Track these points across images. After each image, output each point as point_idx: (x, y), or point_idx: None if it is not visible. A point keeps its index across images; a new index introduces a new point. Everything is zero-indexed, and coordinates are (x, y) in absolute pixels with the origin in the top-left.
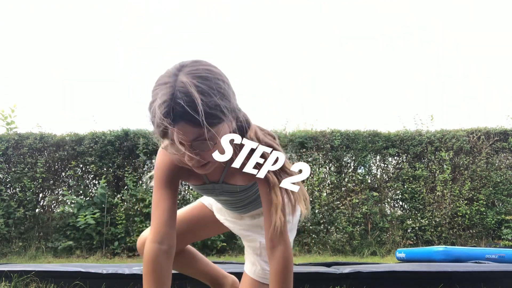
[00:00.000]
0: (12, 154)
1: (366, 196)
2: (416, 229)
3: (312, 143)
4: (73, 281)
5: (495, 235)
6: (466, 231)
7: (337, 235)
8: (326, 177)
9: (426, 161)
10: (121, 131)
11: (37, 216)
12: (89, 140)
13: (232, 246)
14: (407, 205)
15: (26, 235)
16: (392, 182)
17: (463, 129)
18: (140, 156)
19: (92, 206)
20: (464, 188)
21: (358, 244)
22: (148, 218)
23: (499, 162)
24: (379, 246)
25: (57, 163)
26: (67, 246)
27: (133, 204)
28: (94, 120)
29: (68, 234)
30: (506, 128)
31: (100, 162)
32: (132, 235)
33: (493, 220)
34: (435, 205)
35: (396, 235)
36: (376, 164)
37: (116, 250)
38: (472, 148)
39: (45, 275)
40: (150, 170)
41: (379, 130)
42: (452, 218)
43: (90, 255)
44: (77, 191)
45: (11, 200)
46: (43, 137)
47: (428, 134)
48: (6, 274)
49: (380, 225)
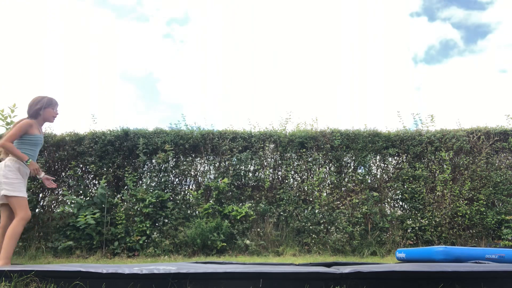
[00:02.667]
0: None
1: (366, 196)
2: (416, 229)
3: (312, 143)
4: (73, 281)
5: (495, 235)
6: (466, 231)
7: (337, 235)
8: (326, 177)
9: (426, 161)
10: (121, 131)
11: (37, 216)
12: (89, 140)
13: (232, 246)
14: (407, 205)
15: (26, 235)
16: (392, 182)
17: (463, 129)
18: (140, 156)
19: (92, 206)
20: (464, 188)
21: (358, 244)
22: (148, 218)
23: (499, 162)
24: (379, 246)
25: (57, 163)
26: (67, 246)
27: (133, 204)
28: (94, 120)
29: (68, 234)
30: (506, 128)
31: (100, 162)
32: (132, 235)
33: (493, 220)
34: (435, 205)
35: (396, 235)
36: (376, 164)
37: (116, 250)
38: (472, 148)
39: (45, 275)
40: (150, 170)
41: (379, 130)
42: (452, 218)
43: (90, 255)
44: (77, 191)
45: None
46: (43, 137)
47: (428, 134)
48: (6, 274)
49: (380, 225)
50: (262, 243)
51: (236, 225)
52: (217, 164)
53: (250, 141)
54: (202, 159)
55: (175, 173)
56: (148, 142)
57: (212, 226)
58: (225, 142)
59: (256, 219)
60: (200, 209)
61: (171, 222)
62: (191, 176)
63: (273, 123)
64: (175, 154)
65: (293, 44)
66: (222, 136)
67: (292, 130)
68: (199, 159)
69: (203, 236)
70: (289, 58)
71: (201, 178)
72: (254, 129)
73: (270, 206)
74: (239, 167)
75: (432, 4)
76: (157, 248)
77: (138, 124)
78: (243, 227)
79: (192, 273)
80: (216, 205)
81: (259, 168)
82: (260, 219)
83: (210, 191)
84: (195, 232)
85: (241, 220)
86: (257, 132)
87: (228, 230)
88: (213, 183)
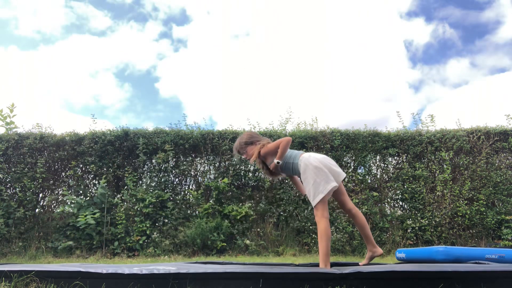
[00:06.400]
0: (12, 154)
1: (366, 196)
2: (416, 229)
3: (312, 143)
4: (73, 281)
5: (495, 235)
6: (466, 231)
7: (337, 235)
8: None
9: (426, 161)
10: (121, 131)
11: (37, 216)
12: (89, 140)
13: (232, 246)
14: (407, 205)
15: (26, 235)
16: (392, 182)
17: (463, 129)
18: (140, 156)
19: (92, 206)
20: (464, 188)
21: (358, 244)
22: (148, 218)
23: (499, 162)
24: (379, 246)
25: (57, 163)
26: (67, 246)
27: (133, 204)
28: (94, 120)
29: (68, 234)
30: (506, 128)
31: (100, 162)
32: (132, 235)
33: (493, 220)
34: (435, 205)
35: (396, 235)
36: (376, 164)
37: (116, 250)
38: (472, 148)
39: (45, 275)
40: (150, 170)
41: (379, 130)
42: (452, 218)
43: (90, 255)
44: (77, 191)
45: (11, 200)
46: (43, 137)
47: (428, 134)
48: (6, 274)
49: (380, 225)
50: (262, 243)
51: (236, 225)
52: (217, 164)
53: None
54: (202, 159)
55: (175, 173)
56: (148, 142)
57: (212, 226)
58: (225, 142)
59: (256, 219)
60: (200, 209)
61: (171, 222)
62: (191, 176)
63: (273, 123)
64: (175, 154)
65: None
66: (222, 136)
67: (292, 130)
68: (199, 159)
69: (203, 236)
70: (289, 58)
71: (201, 178)
72: (254, 129)
73: (270, 206)
74: (239, 167)
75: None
76: (157, 248)
77: (136, 124)
78: (243, 227)
79: (192, 273)
80: (216, 205)
81: (259, 168)
82: (260, 219)
83: (210, 191)
84: (195, 232)
85: (241, 220)
86: (257, 132)
87: (228, 230)
88: (213, 183)
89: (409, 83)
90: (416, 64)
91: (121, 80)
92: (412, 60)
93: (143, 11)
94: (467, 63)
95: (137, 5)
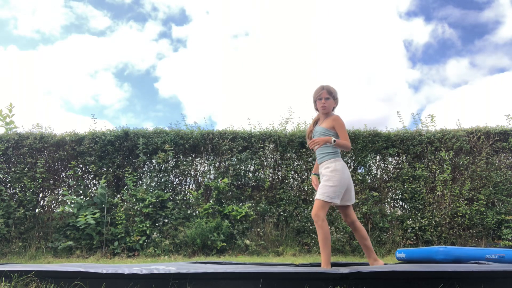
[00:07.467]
0: (12, 154)
1: (366, 196)
2: (416, 229)
3: None
4: (73, 281)
5: (495, 235)
6: (466, 231)
7: (337, 235)
8: None
9: (426, 161)
10: (121, 131)
11: (37, 216)
12: (89, 140)
13: (232, 246)
14: (407, 205)
15: (26, 235)
16: (392, 182)
17: (463, 129)
18: (140, 156)
19: (92, 206)
20: (464, 188)
21: (358, 244)
22: (148, 218)
23: (499, 162)
24: (379, 246)
25: (57, 163)
26: (67, 246)
27: (133, 204)
28: (94, 120)
29: (68, 234)
30: (506, 128)
31: (100, 162)
32: (132, 235)
33: (493, 220)
34: (435, 205)
35: (396, 235)
36: (376, 164)
37: (116, 250)
38: (472, 148)
39: (45, 275)
40: (150, 170)
41: (379, 130)
42: (452, 218)
43: (90, 255)
44: (77, 191)
45: (11, 200)
46: (43, 137)
47: (428, 134)
48: (6, 274)
49: (380, 225)
50: (262, 243)
51: (236, 225)
52: (217, 164)
53: (250, 141)
54: (202, 159)
55: (175, 173)
56: (148, 142)
57: (212, 226)
58: (225, 142)
59: (256, 219)
60: (200, 209)
61: (171, 222)
62: (191, 176)
63: (273, 123)
64: (175, 154)
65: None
66: (222, 136)
67: (292, 130)
68: (199, 159)
69: (203, 236)
70: (289, 57)
71: (201, 178)
72: (254, 129)
73: (270, 206)
74: (239, 167)
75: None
76: (157, 248)
77: (135, 124)
78: (243, 227)
79: (192, 273)
80: (216, 205)
81: (259, 168)
82: (260, 219)
83: (210, 191)
84: (195, 232)
85: (241, 220)
86: (257, 132)
87: (228, 230)
88: (213, 183)
89: (408, 83)
90: (415, 64)
91: (121, 80)
92: (412, 60)
93: (142, 11)
94: (467, 63)
95: (136, 5)
